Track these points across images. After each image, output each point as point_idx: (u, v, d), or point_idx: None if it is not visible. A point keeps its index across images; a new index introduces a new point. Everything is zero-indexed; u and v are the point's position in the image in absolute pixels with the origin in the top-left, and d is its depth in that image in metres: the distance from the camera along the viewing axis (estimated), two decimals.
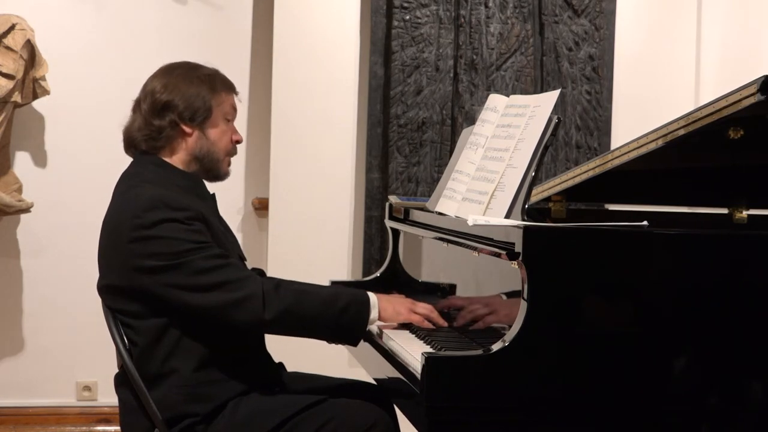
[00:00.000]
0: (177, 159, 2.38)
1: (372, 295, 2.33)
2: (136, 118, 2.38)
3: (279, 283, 2.25)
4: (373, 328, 2.48)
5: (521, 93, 3.85)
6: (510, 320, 2.02)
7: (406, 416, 2.14)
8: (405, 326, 2.44)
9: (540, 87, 4.03)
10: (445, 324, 2.39)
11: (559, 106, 4.05)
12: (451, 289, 2.54)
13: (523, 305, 1.95)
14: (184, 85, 2.36)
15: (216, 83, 2.41)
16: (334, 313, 2.25)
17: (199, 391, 2.24)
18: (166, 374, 2.25)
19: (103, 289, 2.34)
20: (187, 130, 2.36)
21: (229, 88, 2.44)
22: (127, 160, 2.56)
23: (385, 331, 2.41)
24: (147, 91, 2.37)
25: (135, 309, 2.26)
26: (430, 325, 2.37)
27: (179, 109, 2.34)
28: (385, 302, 2.36)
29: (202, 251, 2.20)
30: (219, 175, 2.44)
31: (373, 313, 2.31)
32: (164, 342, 2.25)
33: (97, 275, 2.38)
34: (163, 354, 2.25)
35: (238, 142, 2.48)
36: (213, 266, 2.20)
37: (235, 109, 2.46)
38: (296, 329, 2.27)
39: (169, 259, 2.18)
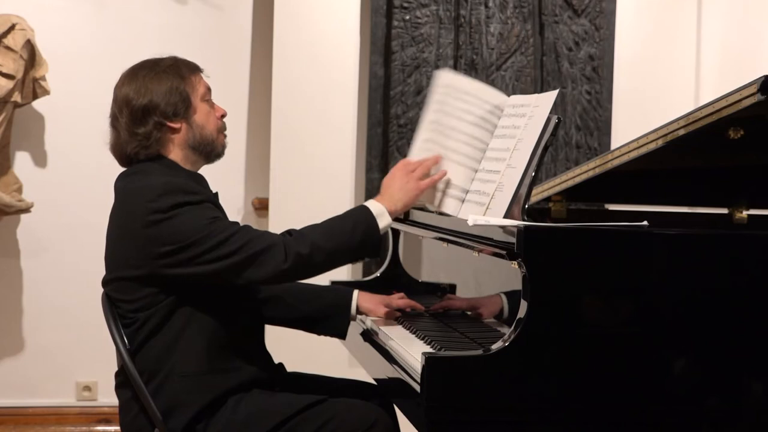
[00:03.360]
0: (174, 156, 2.36)
1: (373, 205, 2.34)
2: (119, 133, 2.34)
3: (295, 233, 2.28)
4: (374, 327, 2.48)
5: (521, 93, 3.84)
6: (492, 313, 2.02)
7: (406, 416, 2.14)
8: (405, 326, 2.45)
9: (540, 87, 4.03)
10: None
11: (559, 106, 4.05)
12: (451, 289, 2.54)
13: (523, 305, 1.95)
14: (154, 84, 2.33)
15: (182, 70, 2.38)
16: (347, 238, 2.29)
17: (199, 381, 2.25)
18: (166, 365, 2.25)
19: (111, 281, 2.33)
20: (175, 125, 2.33)
21: (194, 69, 2.41)
22: None
23: (385, 331, 2.41)
24: (120, 103, 2.34)
25: (142, 299, 2.26)
26: (418, 305, 2.49)
27: (160, 109, 2.31)
28: (388, 201, 2.36)
29: (217, 223, 2.22)
30: (219, 153, 2.43)
31: (383, 222, 2.33)
32: (166, 333, 2.26)
33: (96, 274, 2.38)
34: (165, 345, 2.26)
35: (224, 115, 2.44)
36: (232, 233, 2.21)
37: (208, 88, 2.43)
38: (321, 266, 2.29)
39: (189, 238, 2.19)
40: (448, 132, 2.44)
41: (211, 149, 2.39)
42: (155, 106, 2.30)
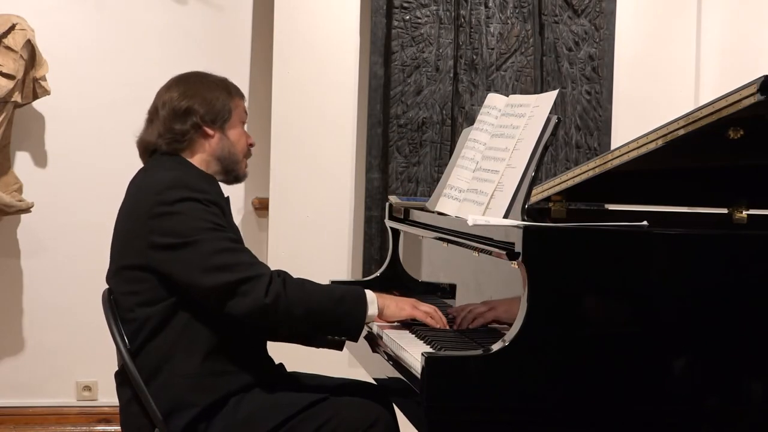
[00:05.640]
0: (197, 159, 2.42)
1: (369, 291, 2.34)
2: (155, 128, 2.41)
3: (284, 274, 2.27)
4: (374, 328, 2.48)
5: (521, 93, 3.85)
6: (511, 318, 2.02)
7: (406, 416, 2.14)
8: (405, 327, 2.45)
9: (540, 87, 4.03)
10: (446, 325, 2.38)
11: (559, 106, 4.05)
12: (451, 289, 2.54)
13: (522, 305, 1.95)
14: (203, 90, 2.42)
15: (230, 88, 2.48)
16: (332, 305, 2.26)
17: (202, 382, 2.26)
18: (169, 364, 2.26)
19: (115, 274, 2.35)
20: (210, 132, 2.41)
21: (241, 93, 2.52)
22: (127, 160, 2.56)
23: (385, 331, 2.41)
24: (164, 101, 2.41)
25: (144, 293, 2.28)
26: (433, 322, 2.36)
27: (201, 113, 2.39)
28: (388, 300, 2.37)
29: (217, 232, 2.24)
30: (239, 176, 2.51)
31: (371, 309, 2.31)
32: (169, 331, 2.27)
33: (97, 274, 2.39)
34: (168, 343, 2.27)
35: (252, 145, 2.54)
36: (226, 248, 2.23)
37: (246, 114, 2.53)
38: (296, 319, 2.25)
39: (185, 236, 2.22)
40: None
41: (233, 168, 2.47)
42: (197, 109, 2.39)
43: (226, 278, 2.19)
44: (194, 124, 2.39)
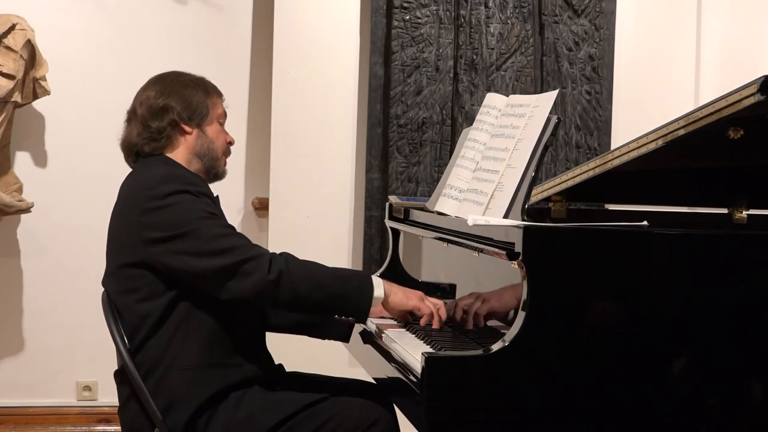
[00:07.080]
0: (178, 157, 2.42)
1: (375, 278, 2.33)
2: (133, 128, 2.42)
3: (286, 254, 2.29)
4: (373, 327, 2.48)
5: (521, 93, 3.85)
6: (505, 307, 2.02)
7: (406, 416, 2.14)
8: (405, 326, 2.44)
9: (540, 87, 4.03)
10: (439, 326, 2.37)
11: (559, 106, 4.05)
12: (451, 288, 2.54)
13: (522, 305, 1.95)
14: (179, 88, 2.43)
15: (207, 87, 2.49)
16: (338, 282, 2.27)
17: (201, 374, 2.26)
18: (168, 357, 2.27)
19: (111, 274, 2.35)
20: (187, 129, 2.42)
21: (218, 92, 2.52)
22: None
23: (385, 331, 2.41)
24: (141, 100, 2.43)
25: (141, 289, 2.28)
26: (436, 315, 2.34)
27: (177, 110, 2.40)
28: (395, 287, 2.36)
29: (212, 220, 2.26)
30: (218, 173, 2.50)
31: (378, 291, 2.31)
32: (168, 325, 2.27)
33: (97, 274, 2.38)
34: (167, 338, 2.27)
35: (231, 143, 2.54)
36: (223, 233, 2.25)
37: (225, 113, 2.53)
38: (302, 296, 2.24)
39: (181, 227, 2.23)
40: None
41: (212, 165, 2.47)
42: (174, 106, 2.40)
43: (228, 260, 2.20)
44: (171, 121, 2.40)
